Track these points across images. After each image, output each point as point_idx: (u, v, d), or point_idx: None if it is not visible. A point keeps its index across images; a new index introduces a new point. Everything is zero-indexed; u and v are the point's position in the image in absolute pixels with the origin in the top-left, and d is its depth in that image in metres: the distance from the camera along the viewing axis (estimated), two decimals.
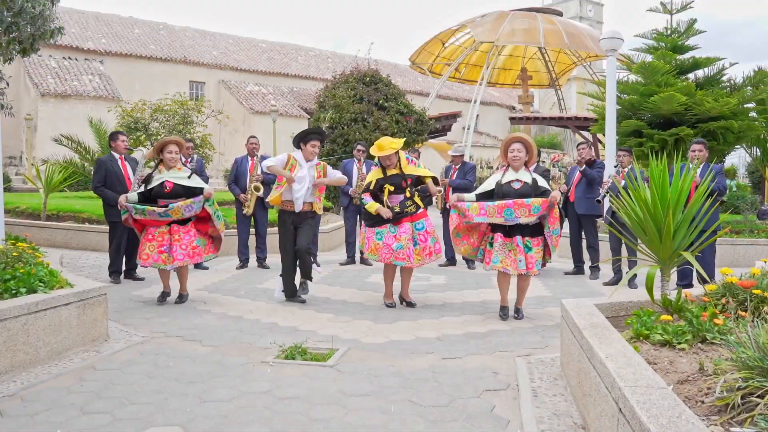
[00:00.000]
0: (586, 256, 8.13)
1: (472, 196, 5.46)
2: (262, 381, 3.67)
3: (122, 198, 5.74)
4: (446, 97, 36.93)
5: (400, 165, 5.78)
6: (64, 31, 6.73)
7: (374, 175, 5.87)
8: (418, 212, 5.79)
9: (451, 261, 8.76)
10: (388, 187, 5.70)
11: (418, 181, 5.92)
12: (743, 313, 3.40)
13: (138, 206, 5.64)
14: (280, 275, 6.11)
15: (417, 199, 5.79)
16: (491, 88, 37.84)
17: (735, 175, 27.11)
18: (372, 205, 5.72)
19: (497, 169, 5.62)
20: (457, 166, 8.60)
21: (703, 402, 2.48)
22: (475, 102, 24.41)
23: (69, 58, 28.09)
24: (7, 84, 8.08)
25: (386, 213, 5.66)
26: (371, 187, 5.81)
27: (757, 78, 10.98)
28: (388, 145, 5.68)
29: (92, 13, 32.24)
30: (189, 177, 5.82)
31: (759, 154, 12.87)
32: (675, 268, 3.90)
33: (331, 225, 10.94)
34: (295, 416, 3.13)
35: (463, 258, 8.54)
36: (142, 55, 30.41)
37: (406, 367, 3.97)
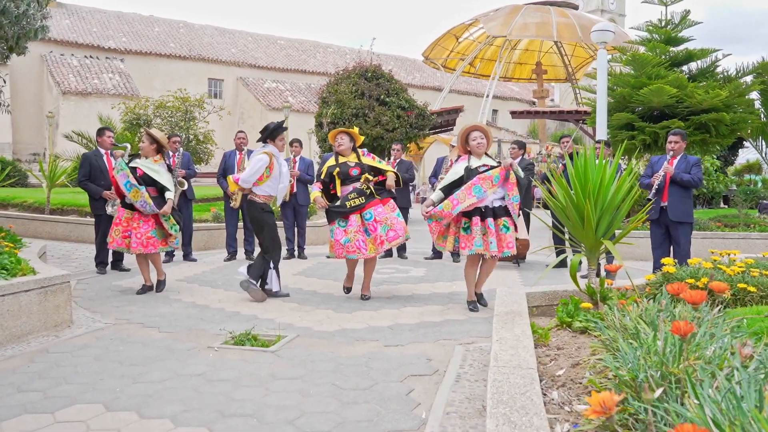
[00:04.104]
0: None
1: (438, 194, 5.46)
2: (200, 365, 3.80)
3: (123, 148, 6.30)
4: (464, 92, 36.82)
5: (357, 155, 5.85)
6: (48, 29, 6.96)
7: (328, 163, 5.92)
8: (368, 203, 5.66)
9: (436, 254, 8.82)
10: (337, 176, 5.74)
11: (377, 174, 5.87)
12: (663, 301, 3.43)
13: (126, 164, 5.97)
14: (275, 268, 5.93)
15: (369, 190, 5.70)
16: (510, 83, 37.61)
17: (760, 171, 26.52)
18: (314, 194, 5.82)
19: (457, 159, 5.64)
20: (454, 159, 8.63)
21: (581, 383, 2.54)
22: (487, 97, 24.33)
23: (90, 56, 28.74)
24: (5, 81, 8.37)
25: (321, 203, 5.70)
26: (322, 176, 5.86)
27: (759, 68, 10.76)
28: (340, 130, 5.92)
29: (113, 12, 32.90)
30: (156, 170, 6.06)
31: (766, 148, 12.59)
32: (602, 256, 3.92)
33: (323, 220, 11.06)
34: (217, 397, 3.25)
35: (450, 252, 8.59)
36: (161, 54, 30.95)
37: (345, 354, 4.06)
